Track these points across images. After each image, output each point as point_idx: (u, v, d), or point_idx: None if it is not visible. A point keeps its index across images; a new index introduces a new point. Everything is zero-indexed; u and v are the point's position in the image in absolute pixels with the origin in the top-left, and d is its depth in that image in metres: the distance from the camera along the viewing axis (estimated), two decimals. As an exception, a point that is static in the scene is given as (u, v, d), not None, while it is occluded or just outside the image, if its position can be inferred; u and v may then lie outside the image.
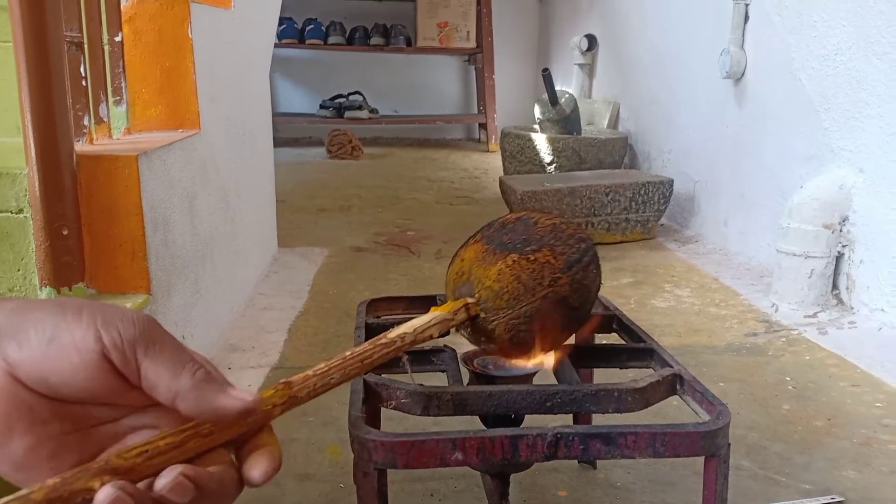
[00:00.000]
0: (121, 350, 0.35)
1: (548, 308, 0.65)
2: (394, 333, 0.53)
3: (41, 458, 0.34)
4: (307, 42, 4.53)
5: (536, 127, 2.99)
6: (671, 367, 0.72)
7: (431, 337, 0.57)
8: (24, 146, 0.95)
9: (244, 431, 0.37)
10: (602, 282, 0.71)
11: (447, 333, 0.61)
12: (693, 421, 0.64)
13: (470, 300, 0.65)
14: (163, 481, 0.32)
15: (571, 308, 0.67)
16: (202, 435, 0.35)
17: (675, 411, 1.11)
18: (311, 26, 4.52)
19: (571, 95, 2.93)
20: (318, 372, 0.43)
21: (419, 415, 0.65)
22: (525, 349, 0.68)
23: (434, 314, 0.59)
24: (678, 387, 0.71)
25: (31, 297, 1.01)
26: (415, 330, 0.55)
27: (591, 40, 3.56)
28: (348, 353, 0.47)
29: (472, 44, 4.65)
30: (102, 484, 0.32)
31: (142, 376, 0.35)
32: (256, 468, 0.35)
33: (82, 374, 0.34)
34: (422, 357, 0.77)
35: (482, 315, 0.65)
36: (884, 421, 1.20)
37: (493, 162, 3.94)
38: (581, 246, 0.68)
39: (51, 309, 0.35)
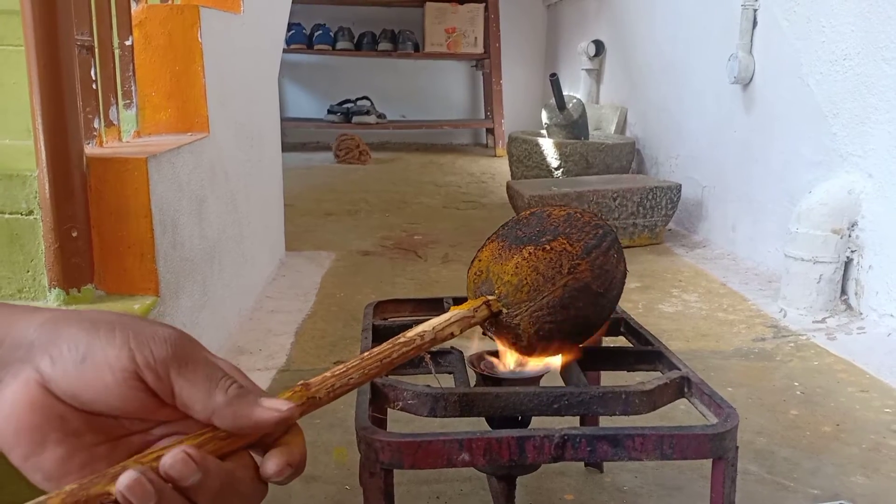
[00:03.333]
0: (154, 370, 0.35)
1: (571, 296, 0.64)
2: (413, 332, 0.52)
3: (73, 468, 0.34)
4: (315, 47, 4.55)
5: (544, 132, 2.99)
6: (679, 369, 0.71)
7: (452, 335, 0.56)
8: (34, 148, 0.96)
9: (265, 433, 0.37)
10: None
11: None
12: (701, 424, 0.64)
13: (490, 297, 0.64)
14: (167, 459, 0.33)
15: (596, 294, 0.65)
16: (220, 438, 0.36)
17: (682, 415, 1.11)
18: (320, 32, 4.54)
19: (579, 100, 2.93)
20: (337, 373, 0.43)
21: (426, 416, 0.65)
22: (554, 343, 0.66)
23: (454, 312, 0.58)
24: (686, 389, 0.70)
25: (39, 298, 1.01)
26: (434, 328, 0.54)
27: (599, 45, 3.56)
28: (367, 353, 0.46)
29: (480, 49, 4.66)
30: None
31: (176, 395, 0.35)
32: (270, 462, 0.36)
33: (116, 392, 0.35)
34: (428, 359, 0.76)
35: (504, 311, 0.64)
36: (893, 426, 1.19)
37: (500, 167, 3.95)
38: (598, 232, 0.66)
39: (83, 325, 0.35)
